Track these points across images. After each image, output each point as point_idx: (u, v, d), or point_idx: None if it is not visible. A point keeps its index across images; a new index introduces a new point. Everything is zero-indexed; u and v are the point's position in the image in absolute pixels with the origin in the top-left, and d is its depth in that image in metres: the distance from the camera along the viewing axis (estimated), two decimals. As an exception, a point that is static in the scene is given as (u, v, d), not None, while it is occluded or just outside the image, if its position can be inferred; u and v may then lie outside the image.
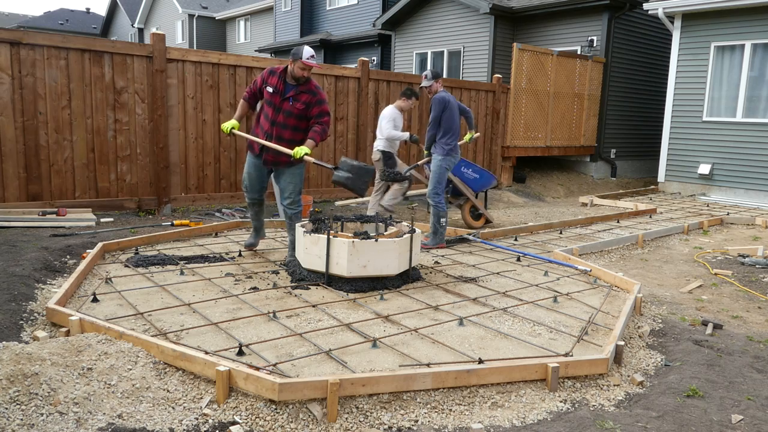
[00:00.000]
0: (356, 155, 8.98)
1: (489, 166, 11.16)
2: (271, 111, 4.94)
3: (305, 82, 4.92)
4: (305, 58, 4.74)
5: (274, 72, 4.99)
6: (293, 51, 4.82)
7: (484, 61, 14.15)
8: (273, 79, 4.95)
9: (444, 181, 6.11)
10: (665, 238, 7.26)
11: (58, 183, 6.51)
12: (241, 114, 5.12)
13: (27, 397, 2.52)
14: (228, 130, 4.96)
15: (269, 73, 5.01)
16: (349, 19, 20.30)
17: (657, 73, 13.83)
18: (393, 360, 3.19)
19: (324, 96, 4.99)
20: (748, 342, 3.82)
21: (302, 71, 4.81)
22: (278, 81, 4.93)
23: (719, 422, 2.75)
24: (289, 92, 4.90)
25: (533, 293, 4.59)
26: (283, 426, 2.58)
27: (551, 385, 3.01)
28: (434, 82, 6.06)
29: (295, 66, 4.80)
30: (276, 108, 4.92)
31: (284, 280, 4.66)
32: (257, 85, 5.07)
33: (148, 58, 6.90)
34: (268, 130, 4.95)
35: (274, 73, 4.98)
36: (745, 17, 10.24)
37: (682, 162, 11.36)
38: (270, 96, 4.93)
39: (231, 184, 7.73)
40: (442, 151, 6.03)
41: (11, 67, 6.11)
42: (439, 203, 6.05)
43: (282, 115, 4.91)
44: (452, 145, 6.04)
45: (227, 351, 3.17)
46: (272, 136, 4.94)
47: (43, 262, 4.66)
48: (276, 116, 4.92)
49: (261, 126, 5.03)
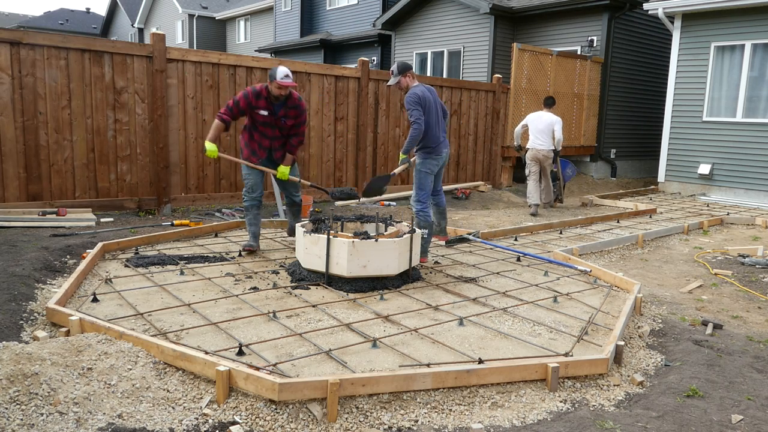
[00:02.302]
0: (356, 155, 8.98)
1: (489, 166, 11.17)
2: (269, 130, 5.32)
3: (288, 97, 5.22)
4: (279, 78, 4.96)
5: (259, 95, 5.16)
6: (269, 72, 5.07)
7: (484, 61, 14.15)
8: (261, 102, 5.18)
9: (427, 187, 5.25)
10: (665, 238, 7.26)
11: (58, 183, 6.51)
12: (216, 136, 5.27)
13: (27, 397, 2.52)
14: (215, 154, 5.20)
15: (255, 96, 5.16)
16: (349, 19, 20.30)
17: (657, 73, 13.83)
18: (393, 360, 3.19)
19: (305, 106, 5.38)
20: (748, 342, 3.82)
21: (279, 91, 5.08)
22: (266, 103, 5.19)
23: (719, 422, 2.74)
24: (279, 111, 5.24)
25: (533, 293, 4.59)
26: (283, 426, 2.58)
27: (551, 385, 3.01)
28: (401, 78, 5.16)
29: (272, 87, 5.07)
30: (272, 126, 5.30)
31: (284, 280, 4.66)
32: (240, 108, 5.21)
33: (148, 58, 6.91)
34: (269, 146, 5.39)
35: (260, 96, 5.17)
36: (745, 17, 10.24)
37: (682, 162, 11.36)
38: (264, 118, 5.24)
39: (231, 184, 7.73)
40: (421, 154, 5.22)
41: (11, 67, 6.11)
42: (420, 211, 5.26)
43: (279, 131, 5.35)
44: (431, 146, 5.19)
45: (227, 351, 3.17)
46: (276, 147, 5.42)
47: (43, 262, 4.66)
48: (274, 133, 5.35)
49: (260, 143, 5.37)
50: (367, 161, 9.14)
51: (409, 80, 5.19)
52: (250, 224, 5.52)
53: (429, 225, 5.34)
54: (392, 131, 9.43)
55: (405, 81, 5.19)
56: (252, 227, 5.53)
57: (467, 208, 9.43)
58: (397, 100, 9.40)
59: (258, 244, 5.55)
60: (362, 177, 9.05)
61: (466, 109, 10.53)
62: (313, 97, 8.38)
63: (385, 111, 9.29)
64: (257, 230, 5.55)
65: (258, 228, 5.55)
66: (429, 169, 5.25)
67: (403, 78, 5.17)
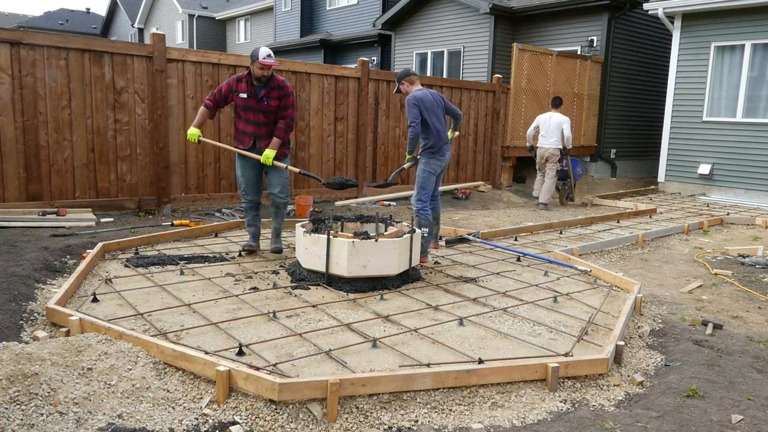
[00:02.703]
0: (356, 155, 8.98)
1: (489, 166, 11.17)
2: (251, 115, 5.17)
3: (270, 79, 5.11)
4: (262, 58, 4.93)
5: (240, 79, 5.17)
6: (251, 53, 5.04)
7: (484, 61, 14.15)
8: (241, 85, 5.14)
9: (429, 186, 5.39)
10: (665, 238, 7.26)
11: (58, 183, 6.51)
12: (201, 122, 5.28)
13: (27, 397, 2.52)
14: (195, 138, 5.16)
15: (236, 81, 5.19)
16: (349, 19, 20.30)
17: (657, 73, 13.83)
18: (393, 360, 3.19)
19: (290, 89, 5.20)
20: (748, 342, 3.82)
21: (261, 71, 5.00)
22: (247, 86, 5.12)
23: (719, 422, 2.74)
24: (261, 92, 5.11)
25: (533, 293, 4.59)
26: (283, 426, 2.58)
27: (551, 385, 3.01)
28: (399, 85, 5.44)
29: (254, 67, 5.01)
30: (254, 110, 5.15)
31: (284, 280, 4.66)
32: (222, 94, 5.23)
33: (148, 58, 6.91)
34: (254, 132, 5.19)
35: (241, 80, 5.16)
36: (745, 17, 10.24)
37: (682, 162, 11.36)
38: (244, 101, 5.14)
39: (231, 184, 7.73)
40: (425, 154, 5.39)
41: (11, 67, 6.11)
42: (420, 210, 5.36)
43: (262, 115, 5.16)
44: (435, 147, 5.35)
45: (227, 351, 3.17)
46: (261, 135, 5.19)
47: (43, 262, 4.66)
48: (257, 118, 5.17)
49: (244, 130, 5.22)
50: (367, 161, 9.13)
51: (407, 86, 5.42)
52: (249, 225, 5.52)
53: (429, 224, 5.45)
54: (392, 131, 9.43)
55: (403, 87, 5.45)
56: (251, 228, 5.52)
57: (467, 208, 9.43)
58: (397, 100, 9.40)
59: (258, 244, 5.54)
60: (362, 177, 9.04)
61: (466, 109, 10.53)
62: (313, 97, 8.38)
63: (385, 111, 9.29)
64: (256, 231, 5.54)
65: (257, 228, 5.54)
66: (432, 169, 5.42)
67: (401, 85, 5.45)
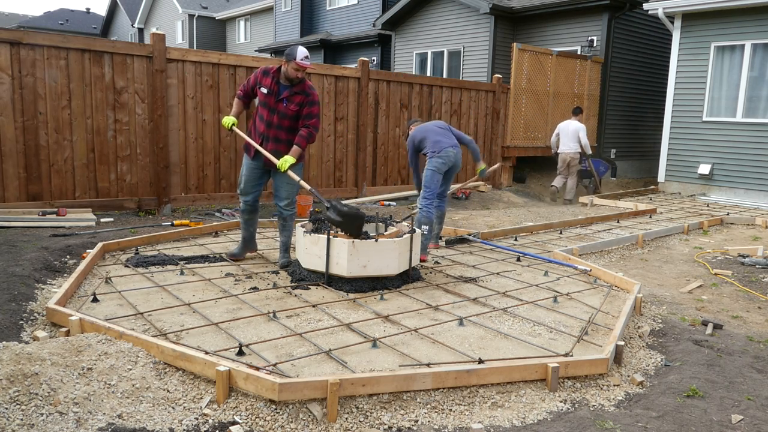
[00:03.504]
0: (356, 156, 8.98)
1: (489, 165, 11.16)
2: (266, 113, 4.87)
3: (299, 82, 4.82)
4: (299, 59, 4.63)
5: (267, 72, 4.88)
6: (287, 51, 4.73)
7: (484, 61, 14.15)
8: (267, 80, 4.84)
9: (432, 185, 5.57)
10: (665, 238, 7.26)
11: (58, 183, 6.51)
12: (237, 111, 5.04)
13: (27, 397, 2.52)
14: (229, 125, 4.91)
15: (263, 73, 4.90)
16: (349, 19, 20.30)
17: (657, 73, 13.83)
18: (393, 360, 3.19)
19: (316, 97, 4.89)
20: (748, 342, 3.82)
21: (296, 72, 4.70)
22: (272, 82, 4.81)
23: (719, 422, 2.75)
24: (283, 93, 4.80)
25: (533, 293, 4.59)
26: (283, 426, 2.58)
27: (551, 385, 3.01)
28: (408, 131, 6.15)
29: (289, 67, 4.70)
30: (270, 109, 4.85)
31: (284, 280, 4.66)
32: (250, 84, 4.97)
33: (148, 58, 6.90)
34: (264, 132, 4.88)
35: (268, 74, 4.87)
36: (745, 17, 10.24)
37: (682, 162, 11.36)
38: (264, 97, 4.84)
39: (231, 184, 7.73)
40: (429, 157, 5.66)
41: (11, 67, 6.11)
42: (423, 207, 5.52)
43: (277, 117, 4.84)
44: (436, 148, 5.61)
45: (227, 351, 3.17)
46: (269, 137, 4.87)
47: (43, 262, 4.66)
48: (271, 117, 4.86)
49: (257, 128, 4.95)
50: (367, 161, 9.13)
51: (411, 130, 6.06)
52: (242, 229, 5.24)
53: (429, 222, 5.55)
54: (392, 131, 9.43)
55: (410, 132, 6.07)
56: (242, 232, 5.23)
57: (467, 208, 9.43)
58: (397, 100, 9.40)
59: (243, 253, 5.25)
60: (362, 177, 9.05)
61: (466, 109, 10.53)
62: (313, 97, 8.37)
63: (385, 111, 9.29)
64: (247, 235, 5.23)
65: (249, 233, 5.24)
66: (435, 167, 5.59)
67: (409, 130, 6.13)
